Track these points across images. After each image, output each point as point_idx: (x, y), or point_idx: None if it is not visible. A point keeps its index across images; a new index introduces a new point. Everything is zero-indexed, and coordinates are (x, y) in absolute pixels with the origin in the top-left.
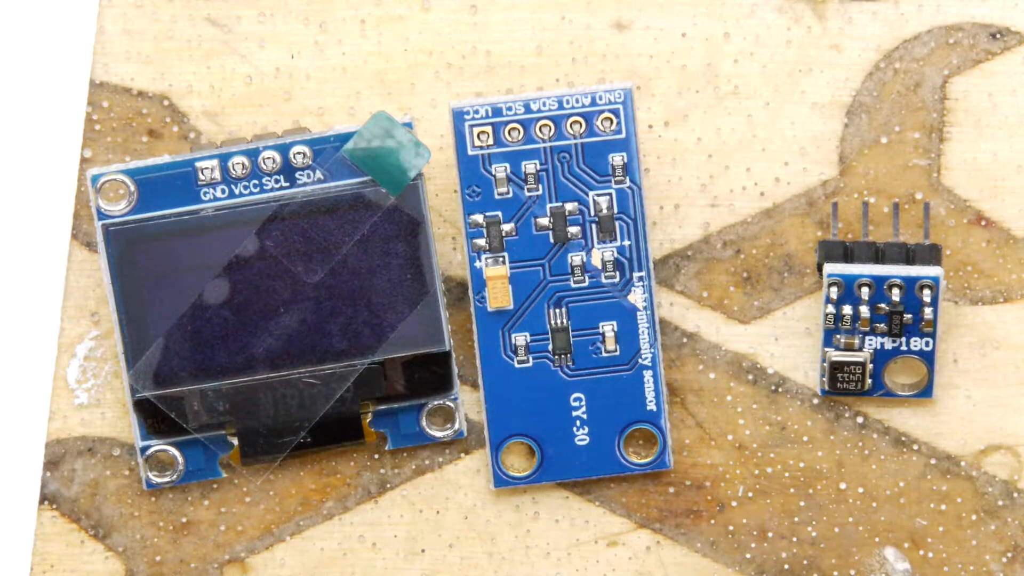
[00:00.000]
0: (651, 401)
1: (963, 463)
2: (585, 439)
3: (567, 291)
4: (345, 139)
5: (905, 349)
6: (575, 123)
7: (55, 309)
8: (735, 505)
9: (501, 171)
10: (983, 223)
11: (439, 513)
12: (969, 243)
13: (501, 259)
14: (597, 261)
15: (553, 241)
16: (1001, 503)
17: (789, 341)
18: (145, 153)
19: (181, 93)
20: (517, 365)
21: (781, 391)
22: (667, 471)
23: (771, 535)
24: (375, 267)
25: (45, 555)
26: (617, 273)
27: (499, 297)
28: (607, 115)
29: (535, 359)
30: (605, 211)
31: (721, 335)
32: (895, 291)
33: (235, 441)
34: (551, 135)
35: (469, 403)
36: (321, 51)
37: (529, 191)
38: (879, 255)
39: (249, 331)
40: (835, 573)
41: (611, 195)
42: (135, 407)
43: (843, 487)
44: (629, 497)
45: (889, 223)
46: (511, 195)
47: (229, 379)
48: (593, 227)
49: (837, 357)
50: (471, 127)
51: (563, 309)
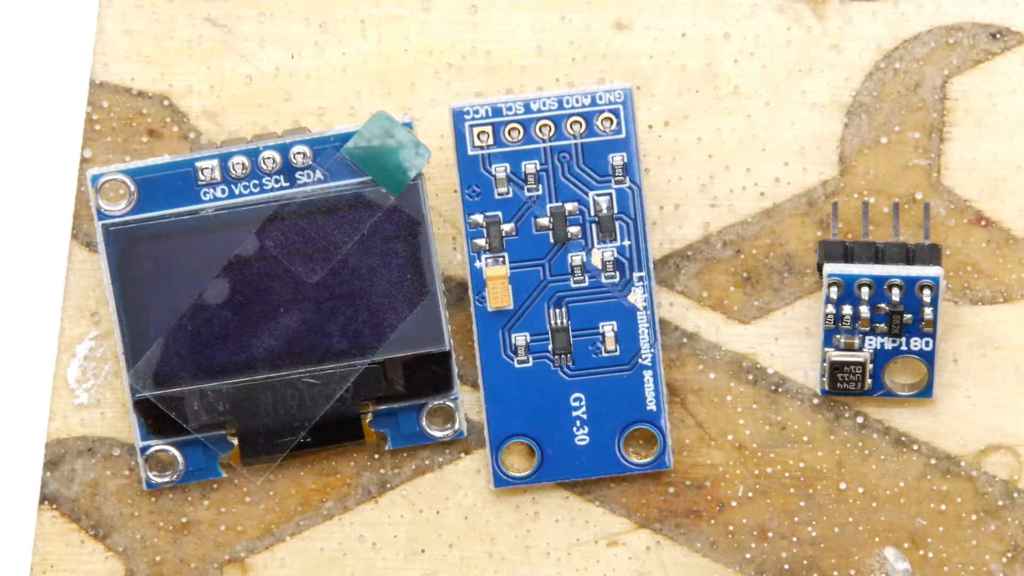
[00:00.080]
0: (651, 401)
1: (963, 463)
2: (585, 439)
3: (567, 291)
4: (345, 139)
5: (905, 349)
6: (575, 123)
7: (55, 309)
8: (735, 505)
9: (501, 171)
10: (983, 223)
11: (439, 513)
12: (969, 243)
13: (501, 259)
14: (597, 261)
15: (553, 241)
16: (1001, 503)
17: (789, 341)
18: (145, 153)
19: (181, 93)
20: (517, 365)
21: (781, 391)
22: (667, 471)
23: (771, 535)
24: (375, 267)
25: (45, 555)
26: (617, 273)
27: (499, 297)
28: (607, 115)
29: (535, 359)
30: (605, 211)
31: (721, 335)
32: (895, 291)
33: (235, 441)
34: (551, 135)
35: (469, 403)
36: (321, 51)
37: (529, 191)
38: (879, 255)
39: (249, 331)
40: (835, 573)
41: (611, 195)
42: (135, 407)
43: (843, 487)
44: (629, 497)
45: (889, 223)
46: (511, 195)
47: (229, 379)
48: (593, 227)
49: (837, 357)
50: (471, 127)
51: (563, 309)
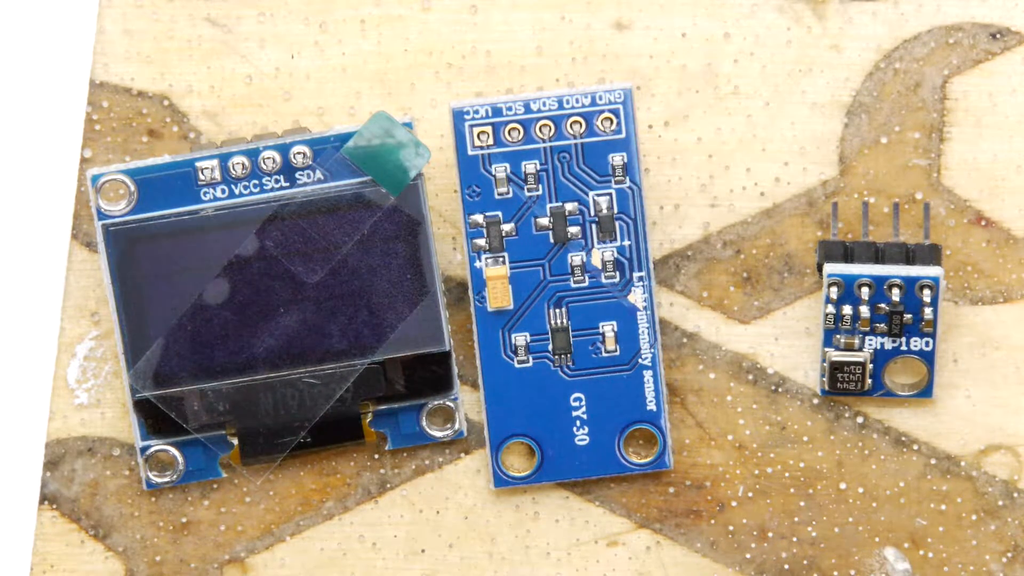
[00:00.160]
0: (651, 401)
1: (963, 463)
2: (585, 439)
3: (567, 291)
4: (345, 139)
5: (905, 349)
6: (575, 123)
7: (55, 309)
8: (735, 505)
9: (501, 171)
10: (983, 223)
11: (439, 513)
12: (969, 243)
13: (501, 259)
14: (597, 261)
15: (553, 241)
16: (1001, 503)
17: (789, 341)
18: (145, 153)
19: (181, 93)
20: (517, 365)
21: (781, 391)
22: (667, 471)
23: (771, 535)
24: (375, 267)
25: (45, 555)
26: (617, 273)
27: (499, 297)
28: (607, 115)
29: (535, 359)
30: (605, 211)
31: (721, 335)
32: (895, 291)
33: (235, 441)
34: (551, 135)
35: (469, 403)
36: (321, 51)
37: (529, 191)
38: (879, 255)
39: (249, 331)
40: (835, 573)
41: (611, 195)
42: (135, 407)
43: (843, 487)
44: (629, 497)
45: (889, 223)
46: (511, 195)
47: (229, 379)
48: (593, 227)
49: (837, 357)
50: (471, 127)
51: (563, 309)
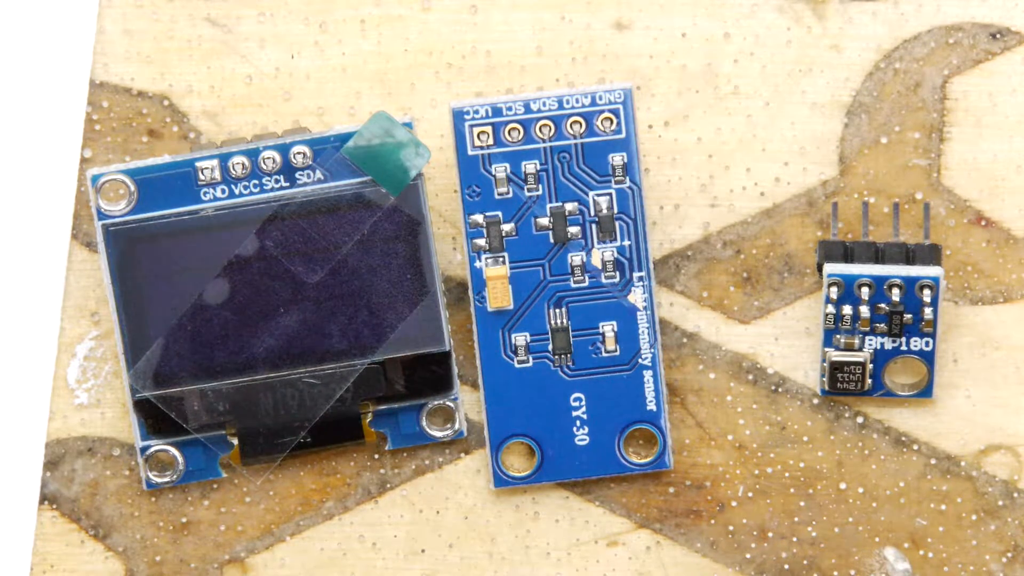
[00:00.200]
0: (651, 401)
1: (963, 463)
2: (585, 439)
3: (567, 291)
4: (345, 139)
5: (905, 349)
6: (575, 123)
7: (55, 309)
8: (735, 505)
9: (501, 171)
10: (983, 223)
11: (439, 513)
12: (969, 243)
13: (501, 259)
14: (597, 261)
15: (553, 241)
16: (1001, 503)
17: (789, 341)
18: (145, 153)
19: (181, 93)
20: (517, 365)
21: (781, 391)
22: (667, 471)
23: (771, 535)
24: (375, 267)
25: (45, 555)
26: (617, 273)
27: (499, 297)
28: (607, 115)
29: (535, 359)
30: (605, 211)
31: (721, 335)
32: (895, 291)
33: (235, 441)
34: (551, 135)
35: (469, 403)
36: (321, 51)
37: (529, 191)
38: (879, 255)
39: (249, 331)
40: (835, 573)
41: (611, 195)
42: (135, 407)
43: (843, 487)
44: (629, 497)
45: (889, 223)
46: (511, 195)
47: (229, 379)
48: (593, 227)
49: (837, 357)
50: (471, 127)
51: (563, 309)
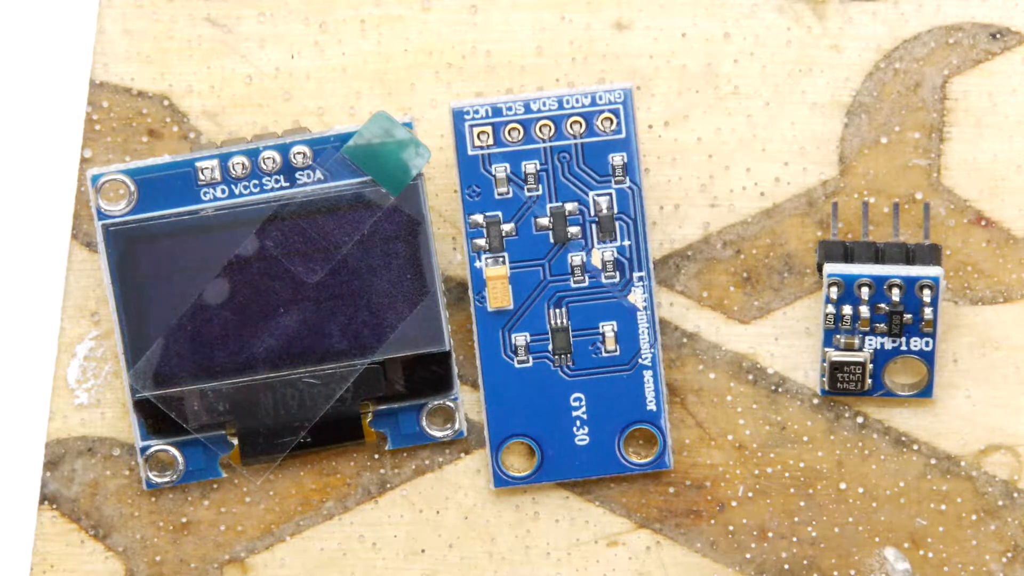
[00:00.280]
0: (651, 401)
1: (963, 463)
2: (585, 439)
3: (567, 291)
4: (345, 139)
5: (905, 349)
6: (575, 123)
7: (55, 309)
8: (735, 505)
9: (501, 171)
10: (983, 223)
11: (439, 513)
12: (969, 243)
13: (501, 259)
14: (597, 261)
15: (553, 241)
16: (1001, 503)
17: (789, 341)
18: (145, 153)
19: (181, 93)
20: (517, 365)
21: (781, 391)
22: (667, 471)
23: (771, 535)
24: (375, 267)
25: (45, 555)
26: (617, 273)
27: (499, 297)
28: (607, 115)
29: (535, 359)
30: (605, 211)
31: (721, 335)
32: (895, 291)
33: (235, 441)
34: (551, 135)
35: (469, 403)
36: (321, 51)
37: (529, 191)
38: (879, 255)
39: (249, 331)
40: (835, 573)
41: (611, 195)
42: (135, 407)
43: (843, 487)
44: (629, 497)
45: (889, 223)
46: (511, 195)
47: (229, 379)
48: (593, 227)
49: (837, 357)
50: (471, 127)
51: (563, 309)
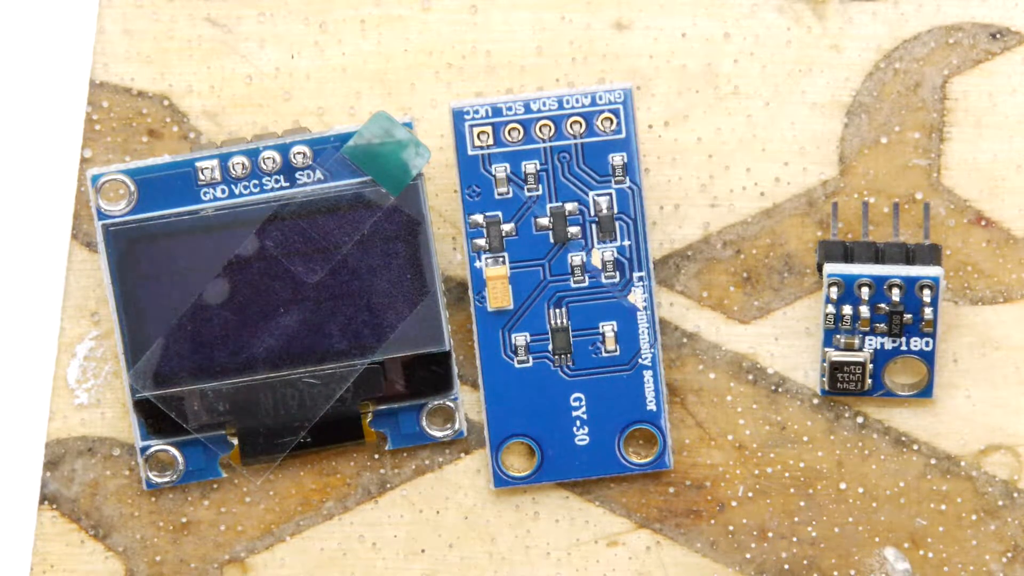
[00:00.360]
0: (651, 401)
1: (963, 463)
2: (585, 439)
3: (567, 291)
4: (345, 139)
5: (905, 349)
6: (575, 123)
7: (55, 309)
8: (735, 505)
9: (501, 171)
10: (983, 223)
11: (439, 513)
12: (969, 243)
13: (501, 259)
14: (597, 261)
15: (553, 241)
16: (1001, 503)
17: (789, 341)
18: (145, 153)
19: (181, 93)
20: (517, 365)
21: (781, 391)
22: (667, 471)
23: (771, 535)
24: (375, 267)
25: (45, 555)
26: (617, 273)
27: (499, 297)
28: (607, 115)
29: (535, 359)
30: (605, 211)
31: (721, 335)
32: (895, 291)
33: (235, 441)
34: (551, 135)
35: (469, 403)
36: (321, 51)
37: (529, 191)
38: (879, 255)
39: (249, 331)
40: (835, 573)
41: (611, 195)
42: (135, 407)
43: (843, 487)
44: (629, 497)
45: (889, 223)
46: (511, 195)
47: (229, 379)
48: (593, 227)
49: (837, 357)
50: (471, 127)
51: (563, 309)
